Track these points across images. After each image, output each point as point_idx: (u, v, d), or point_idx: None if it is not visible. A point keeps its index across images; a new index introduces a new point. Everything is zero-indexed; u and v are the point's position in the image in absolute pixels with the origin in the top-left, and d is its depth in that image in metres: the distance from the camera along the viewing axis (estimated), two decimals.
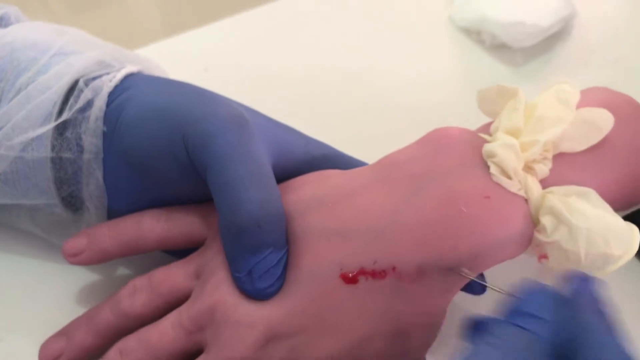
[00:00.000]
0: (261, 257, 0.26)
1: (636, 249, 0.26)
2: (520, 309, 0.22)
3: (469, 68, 0.44)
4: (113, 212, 0.30)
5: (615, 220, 0.26)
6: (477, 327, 0.23)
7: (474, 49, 0.44)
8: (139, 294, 0.28)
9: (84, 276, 0.32)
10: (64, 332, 0.29)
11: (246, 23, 0.45)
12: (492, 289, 0.26)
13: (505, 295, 0.25)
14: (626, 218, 0.32)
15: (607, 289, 0.23)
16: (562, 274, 0.24)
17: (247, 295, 0.26)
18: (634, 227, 0.27)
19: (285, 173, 0.29)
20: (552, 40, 0.44)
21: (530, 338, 0.22)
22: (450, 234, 0.26)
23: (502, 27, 0.42)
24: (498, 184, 0.27)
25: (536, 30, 0.42)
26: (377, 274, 0.26)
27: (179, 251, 0.30)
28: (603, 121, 0.28)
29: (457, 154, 0.28)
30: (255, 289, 0.26)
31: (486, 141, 0.29)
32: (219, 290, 0.26)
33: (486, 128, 0.30)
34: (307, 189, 0.28)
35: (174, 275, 0.28)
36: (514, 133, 0.28)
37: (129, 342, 0.27)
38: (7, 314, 0.31)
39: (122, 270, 0.32)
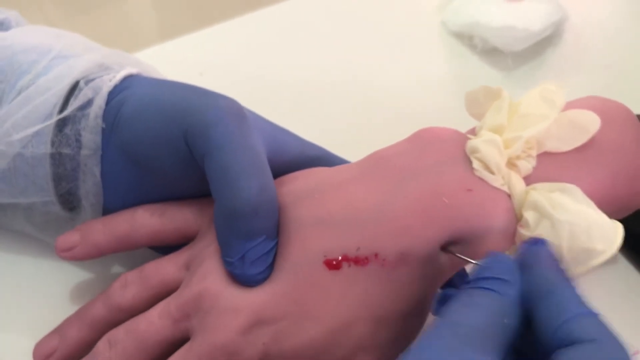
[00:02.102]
0: (255, 244, 0.26)
1: (619, 245, 0.27)
2: (483, 275, 0.23)
3: (461, 72, 0.44)
4: (108, 210, 0.31)
5: (598, 216, 0.27)
6: (445, 300, 0.23)
7: (466, 53, 0.45)
8: (130, 286, 0.29)
9: (78, 275, 0.33)
10: (57, 330, 0.29)
11: (241, 28, 0.46)
12: (460, 257, 0.27)
13: (473, 265, 0.25)
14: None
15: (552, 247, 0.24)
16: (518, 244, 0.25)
17: (235, 282, 0.27)
18: (618, 224, 0.27)
19: (279, 172, 0.30)
20: (543, 44, 0.45)
21: (495, 296, 0.22)
22: (432, 223, 0.26)
23: (493, 31, 0.43)
24: (481, 179, 0.27)
25: (527, 35, 0.42)
26: (359, 261, 0.26)
27: (171, 249, 0.30)
28: (589, 122, 0.28)
29: (442, 150, 0.29)
30: (246, 275, 0.26)
31: (471, 139, 0.29)
32: (206, 279, 0.27)
33: (473, 130, 0.31)
34: (298, 182, 0.29)
35: (164, 267, 0.29)
36: (497, 130, 0.28)
37: (118, 333, 0.27)
38: (1, 314, 0.32)
39: (116, 269, 0.33)
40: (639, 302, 0.33)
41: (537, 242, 0.24)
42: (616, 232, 0.27)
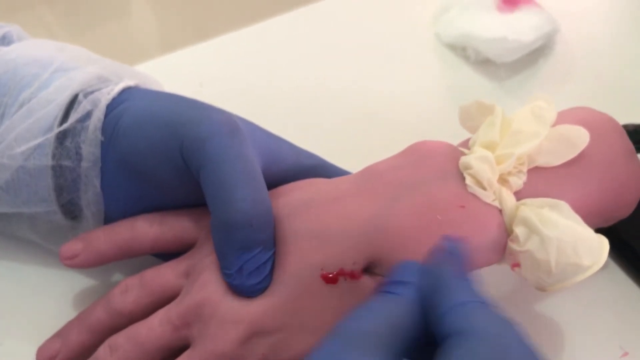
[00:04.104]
0: (252, 255, 0.27)
1: (604, 260, 0.27)
2: (388, 280, 0.24)
3: (455, 82, 0.45)
4: (109, 219, 0.31)
5: (585, 232, 0.27)
6: None
7: (460, 64, 0.45)
8: (130, 292, 0.29)
9: (80, 282, 0.33)
10: (59, 334, 0.30)
11: (240, 40, 0.46)
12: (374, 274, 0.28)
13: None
14: (599, 232, 0.33)
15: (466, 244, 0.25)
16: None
17: (234, 292, 0.27)
18: (604, 239, 0.28)
19: (275, 181, 0.30)
20: (535, 55, 0.45)
21: (390, 299, 0.24)
22: (425, 240, 0.27)
23: (486, 42, 0.43)
24: (473, 195, 0.28)
25: (518, 46, 0.43)
26: (355, 275, 0.27)
27: (171, 256, 0.31)
28: (579, 138, 0.29)
29: (436, 165, 0.29)
30: (245, 286, 0.27)
31: (464, 154, 0.30)
32: (206, 288, 0.28)
33: (467, 143, 0.31)
34: (294, 194, 0.30)
35: (164, 274, 0.29)
36: (490, 147, 0.29)
37: (119, 338, 0.28)
38: (6, 319, 0.32)
39: (117, 276, 0.34)
40: (627, 305, 0.34)
41: (446, 240, 0.25)
42: (602, 247, 0.28)
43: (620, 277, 0.35)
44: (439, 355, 0.21)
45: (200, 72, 0.44)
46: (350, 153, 0.36)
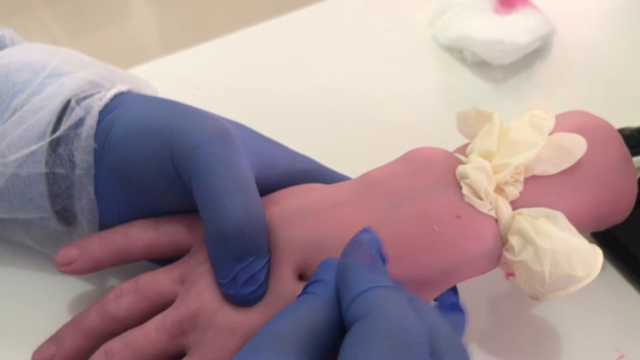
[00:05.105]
0: (245, 264, 0.27)
1: (598, 271, 0.28)
2: (310, 280, 0.24)
3: (452, 85, 0.45)
4: (104, 225, 0.31)
5: (580, 243, 0.28)
6: None
7: (457, 66, 0.45)
8: (124, 297, 0.29)
9: (75, 286, 0.33)
10: (53, 339, 0.30)
11: (238, 43, 0.46)
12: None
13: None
14: (596, 235, 0.34)
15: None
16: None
17: (230, 301, 0.27)
18: (598, 250, 0.28)
19: (269, 185, 0.30)
20: (531, 57, 0.45)
21: (306, 299, 0.24)
22: (422, 250, 0.27)
23: (482, 45, 0.43)
24: (470, 204, 0.28)
25: (514, 48, 0.43)
26: None
27: (166, 261, 0.31)
28: (576, 146, 0.29)
29: (433, 174, 0.29)
30: (240, 295, 0.27)
31: (461, 162, 0.30)
32: (202, 297, 0.28)
33: (464, 149, 0.31)
34: (289, 202, 0.30)
35: (159, 280, 0.29)
36: (487, 156, 0.29)
37: (114, 344, 0.28)
38: (1, 324, 0.32)
39: (112, 281, 0.34)
40: (623, 307, 0.34)
41: (361, 232, 0.25)
42: (596, 258, 0.28)
43: (616, 279, 0.35)
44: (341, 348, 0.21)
45: (199, 74, 0.44)
46: (347, 155, 0.36)
